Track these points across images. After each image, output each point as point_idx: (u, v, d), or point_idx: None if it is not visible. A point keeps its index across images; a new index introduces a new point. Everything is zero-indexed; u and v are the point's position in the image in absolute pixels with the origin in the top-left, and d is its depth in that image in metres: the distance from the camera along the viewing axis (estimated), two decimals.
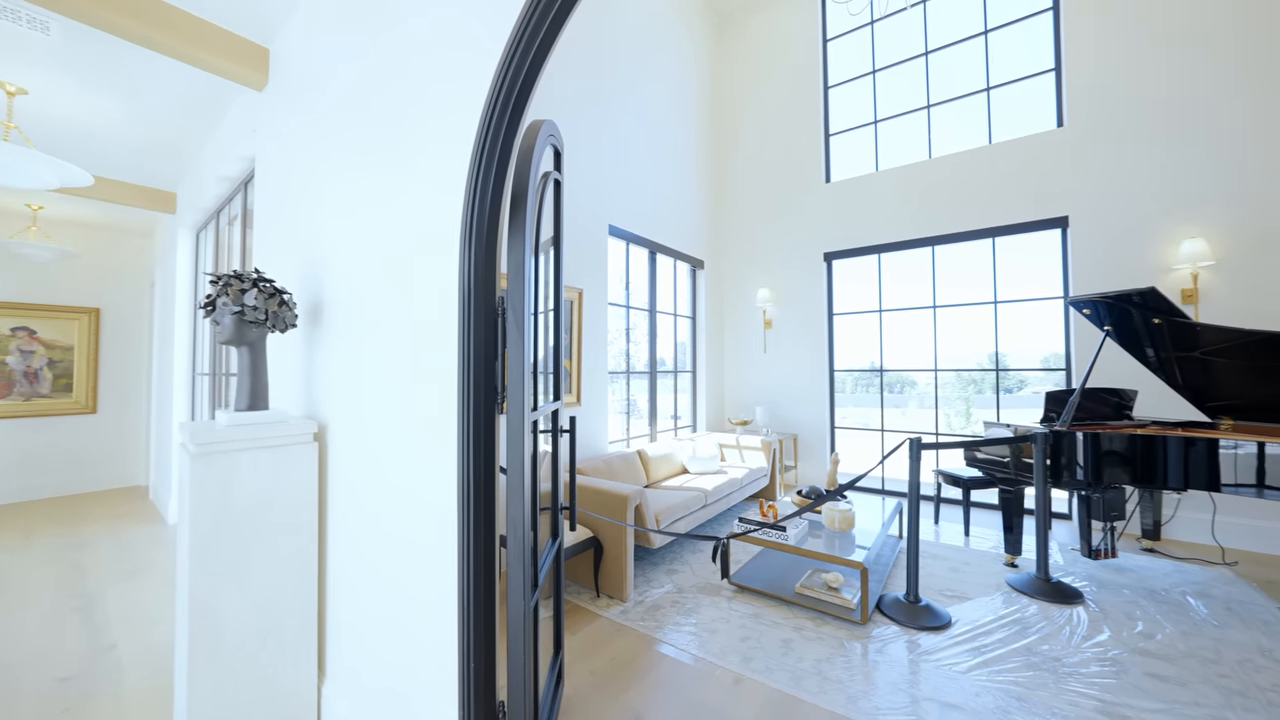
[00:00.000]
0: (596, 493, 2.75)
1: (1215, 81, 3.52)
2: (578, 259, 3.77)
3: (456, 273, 1.16)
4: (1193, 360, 2.92)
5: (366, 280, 1.54)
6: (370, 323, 1.52)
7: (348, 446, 1.60)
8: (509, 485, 1.20)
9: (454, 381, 1.16)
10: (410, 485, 1.35)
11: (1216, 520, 3.44)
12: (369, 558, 1.50)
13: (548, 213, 1.85)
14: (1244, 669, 2.06)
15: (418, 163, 1.36)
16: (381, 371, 1.46)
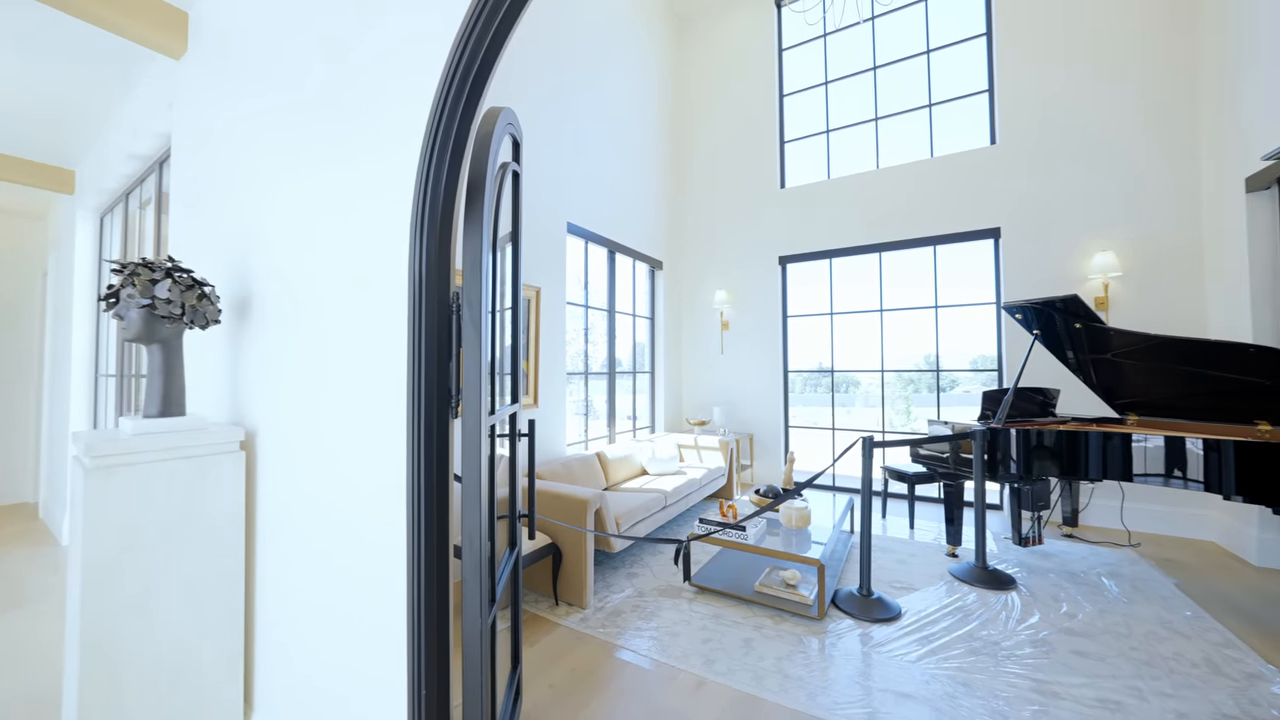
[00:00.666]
0: (555, 497, 2.66)
1: (1126, 112, 3.88)
2: (535, 256, 3.66)
3: (406, 265, 1.07)
4: (1105, 362, 3.19)
5: (304, 272, 1.40)
6: (308, 319, 1.38)
7: (281, 455, 1.45)
8: (464, 494, 1.12)
9: (403, 383, 1.06)
10: (353, 497, 1.24)
11: (1125, 507, 3.78)
12: (305, 578, 1.36)
13: (506, 206, 1.76)
14: (1149, 640, 2.26)
15: (364, 145, 1.25)
16: (321, 372, 1.33)
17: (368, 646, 1.20)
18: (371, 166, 1.21)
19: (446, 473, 1.10)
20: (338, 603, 1.27)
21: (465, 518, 1.12)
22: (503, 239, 1.78)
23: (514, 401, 1.72)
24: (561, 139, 4.02)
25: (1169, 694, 1.89)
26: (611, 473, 3.82)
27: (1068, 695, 1.88)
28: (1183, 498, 3.65)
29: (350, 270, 1.24)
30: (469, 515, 1.11)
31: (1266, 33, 3.03)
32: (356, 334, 1.21)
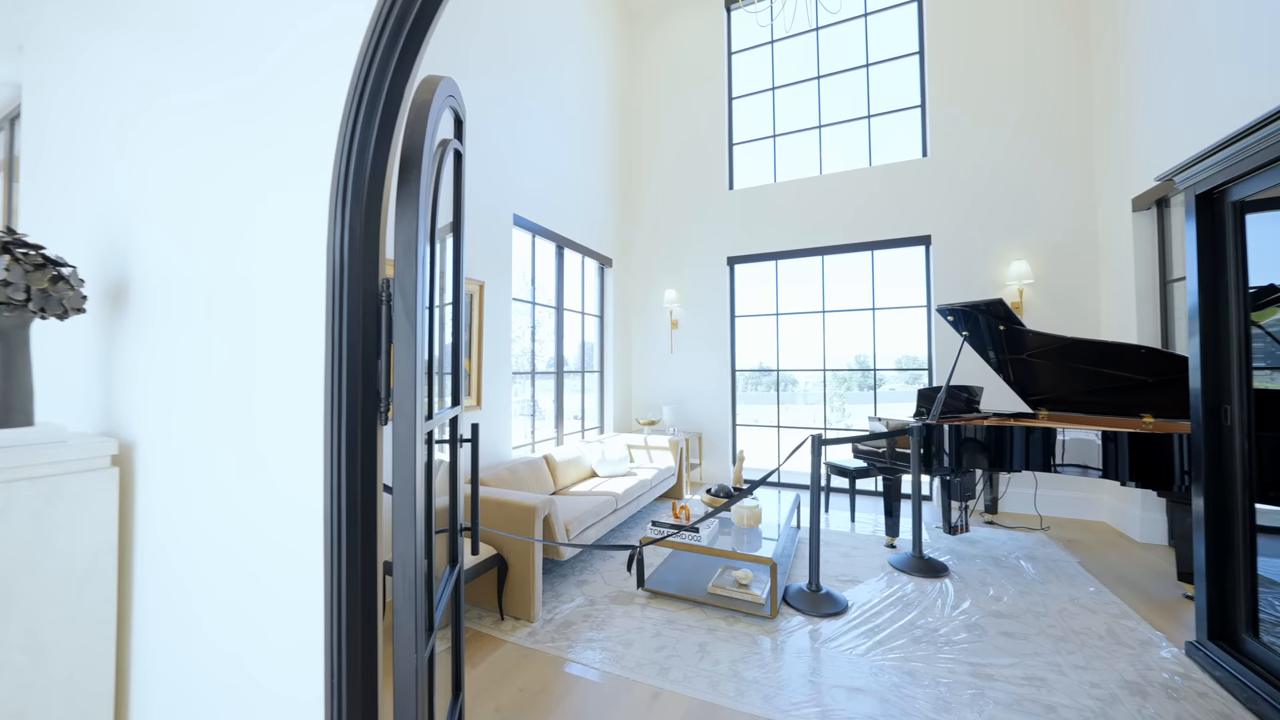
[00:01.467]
0: (500, 505, 2.50)
1: (1035, 135, 4.25)
2: (479, 249, 3.45)
3: (324, 248, 0.91)
4: (1021, 361, 3.47)
5: (197, 254, 1.18)
6: (203, 310, 1.16)
7: (168, 470, 1.21)
8: (396, 511, 0.97)
9: (320, 384, 0.90)
10: (257, 515, 1.05)
11: (1037, 494, 4.14)
12: (199, 620, 1.15)
13: (447, 190, 1.60)
14: (1062, 617, 2.46)
15: (271, 100, 1.06)
16: (219, 372, 1.12)
17: (277, 693, 1.03)
18: (280, 129, 1.03)
19: (374, 486, 0.95)
20: (238, 646, 1.08)
21: (397, 536, 0.97)
22: (443, 229, 1.63)
23: (455, 404, 1.57)
24: (508, 127, 3.82)
25: (1082, 667, 2.05)
26: (560, 476, 3.68)
27: (1000, 676, 1.99)
28: (1080, 483, 4.04)
29: (255, 253, 1.05)
30: (401, 535, 0.97)
31: (1143, 78, 3.40)
32: (264, 327, 1.03)
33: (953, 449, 3.04)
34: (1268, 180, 1.90)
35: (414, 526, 0.98)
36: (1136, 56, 3.56)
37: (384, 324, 0.95)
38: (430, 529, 1.23)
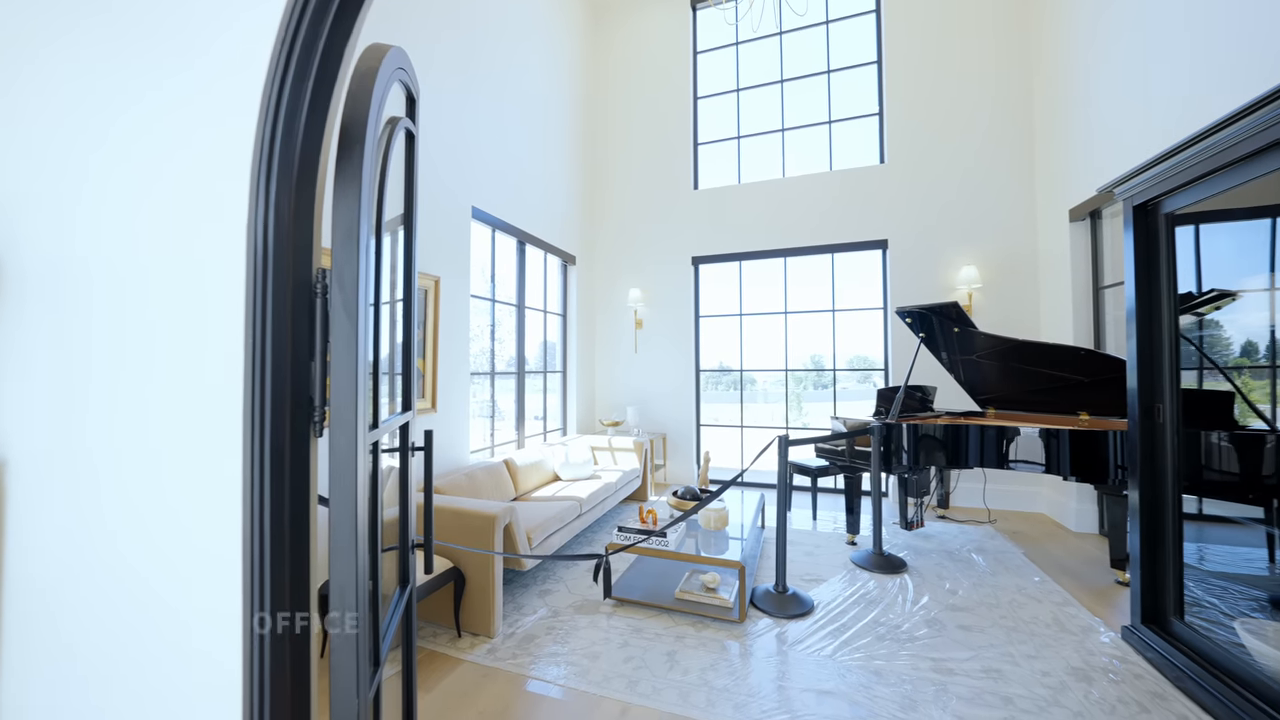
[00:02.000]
0: (457, 515, 2.35)
1: (983, 146, 4.46)
2: (435, 241, 3.26)
3: (245, 231, 0.77)
4: (971, 362, 3.62)
5: (80, 239, 1.00)
6: (91, 302, 0.99)
7: (48, 491, 1.02)
8: (334, 536, 0.85)
9: (238, 390, 0.77)
10: (163, 543, 0.89)
11: (985, 489, 4.34)
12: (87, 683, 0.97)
13: (397, 174, 1.46)
14: (1013, 607, 2.57)
15: (179, 46, 0.90)
16: (103, 380, 0.95)
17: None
18: (193, 90, 0.87)
19: (305, 505, 0.82)
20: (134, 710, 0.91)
21: (335, 565, 0.85)
22: (394, 220, 1.49)
23: (406, 409, 1.43)
24: (467, 117, 3.63)
25: (1034, 655, 2.13)
26: (521, 481, 3.54)
27: (960, 670, 2.03)
28: (1022, 478, 4.28)
29: (154, 237, 0.89)
30: (340, 562, 0.84)
31: (1077, 97, 3.63)
32: (168, 324, 0.87)
33: (912, 447, 3.13)
34: (1195, 195, 2.04)
35: (354, 552, 0.86)
36: (1071, 78, 3.79)
37: (319, 321, 0.82)
38: (376, 549, 1.10)
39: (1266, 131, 1.66)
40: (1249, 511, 2.16)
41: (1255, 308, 2.11)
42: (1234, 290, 2.17)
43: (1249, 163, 1.77)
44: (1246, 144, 1.73)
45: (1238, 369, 2.20)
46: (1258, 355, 2.17)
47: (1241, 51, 2.39)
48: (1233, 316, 2.20)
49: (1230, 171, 1.86)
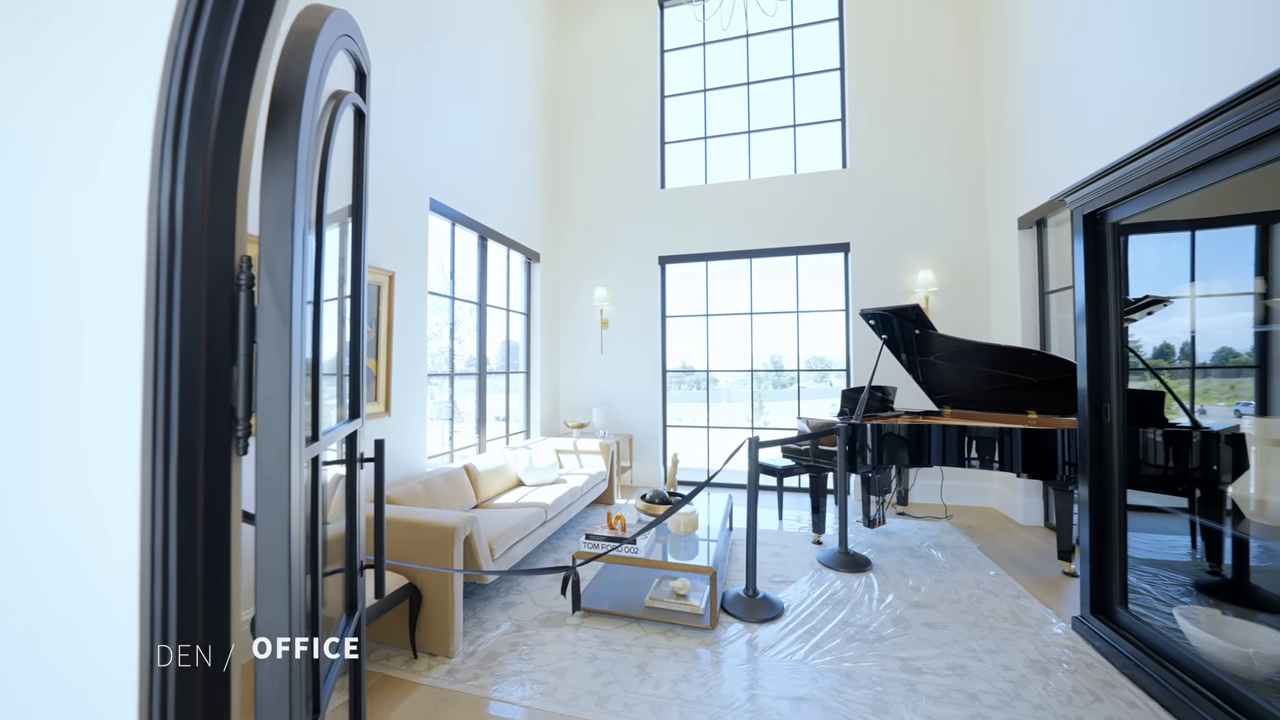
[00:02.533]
0: (413, 527, 2.19)
1: (938, 155, 4.63)
2: (389, 234, 3.05)
3: (145, 208, 0.64)
4: (929, 363, 3.74)
5: None
6: None
7: None
8: (261, 563, 0.72)
9: (135, 402, 0.63)
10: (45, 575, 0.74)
11: (933, 485, 4.50)
12: None
13: (344, 157, 1.33)
14: (972, 601, 2.64)
15: None
16: None
17: None
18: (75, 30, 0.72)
19: (225, 534, 0.69)
20: None
21: (262, 598, 0.72)
22: (341, 211, 1.35)
23: (354, 416, 1.29)
24: (425, 107, 3.43)
25: (994, 650, 2.19)
26: (482, 487, 3.38)
27: (927, 668, 2.06)
28: (974, 474, 4.46)
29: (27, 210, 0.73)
30: (269, 601, 0.72)
31: (1024, 111, 3.82)
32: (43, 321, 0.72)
33: (876, 447, 3.18)
34: (1137, 206, 2.14)
35: (287, 581, 0.74)
36: (1018, 93, 3.98)
37: (243, 317, 0.70)
38: (317, 574, 0.97)
39: (1204, 148, 1.76)
40: (1176, 502, 2.31)
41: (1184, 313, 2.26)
42: (1166, 297, 2.31)
43: (1188, 177, 1.87)
44: (1185, 159, 1.83)
45: (1169, 370, 2.34)
46: (1174, 357, 2.32)
47: (1179, 72, 2.54)
48: (1168, 322, 2.34)
49: (1170, 184, 1.96)
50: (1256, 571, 2.01)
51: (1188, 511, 2.28)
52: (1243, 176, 1.71)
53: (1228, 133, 1.67)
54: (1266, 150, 1.59)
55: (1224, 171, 1.75)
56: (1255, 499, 1.87)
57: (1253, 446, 1.85)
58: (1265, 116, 1.53)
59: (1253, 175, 1.68)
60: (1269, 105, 1.52)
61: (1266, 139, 1.57)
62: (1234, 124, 1.63)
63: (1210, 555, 2.26)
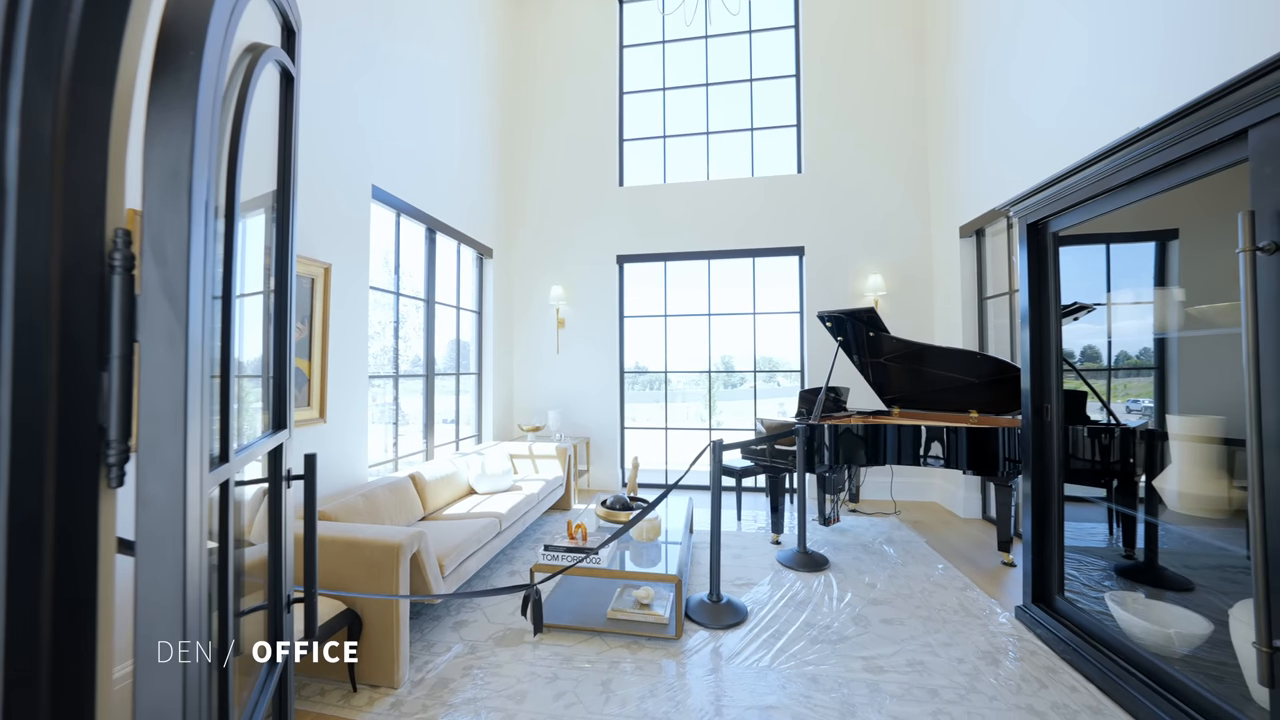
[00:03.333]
0: (352, 546, 1.97)
1: (887, 165, 4.81)
2: (325, 222, 2.77)
3: None
4: (879, 364, 3.87)
5: None
6: None
7: None
8: (141, 629, 0.56)
9: None
10: None
11: (879, 481, 4.67)
12: None
13: (268, 125, 1.14)
14: (924, 596, 2.73)
15: None
16: None
17: None
18: None
19: (91, 605, 0.53)
20: None
21: (141, 686, 0.56)
22: (265, 197, 1.17)
23: (279, 427, 1.11)
24: (370, 88, 3.16)
25: (949, 643, 2.26)
26: (430, 497, 3.15)
27: (888, 666, 2.08)
28: (919, 470, 4.67)
29: None
30: (152, 682, 0.56)
31: (964, 125, 4.04)
32: None
33: (834, 446, 3.24)
34: (1076, 217, 2.27)
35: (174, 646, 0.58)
36: (958, 108, 4.21)
37: (117, 308, 0.54)
38: (227, 621, 0.81)
39: (1129, 168, 1.88)
40: (1097, 493, 2.49)
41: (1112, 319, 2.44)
42: (1090, 304, 2.48)
43: (1119, 192, 1.99)
44: (1115, 177, 1.95)
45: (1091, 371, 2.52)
46: (1097, 358, 2.49)
47: (1115, 90, 2.74)
48: (1089, 327, 2.52)
49: (1103, 199, 2.08)
50: (1172, 555, 2.18)
51: (1110, 501, 2.46)
52: (1158, 197, 1.86)
53: (1146, 156, 1.80)
54: (1182, 172, 1.72)
55: (1149, 190, 1.88)
56: (1177, 492, 2.02)
57: (1175, 443, 1.99)
58: (1178, 144, 1.67)
59: (1158, 198, 1.84)
60: (1179, 134, 1.66)
61: (1183, 162, 1.70)
62: (1152, 149, 1.77)
63: (1126, 541, 2.45)
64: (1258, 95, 1.43)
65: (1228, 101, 1.51)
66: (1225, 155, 1.59)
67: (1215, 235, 2.00)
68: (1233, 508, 1.86)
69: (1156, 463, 2.20)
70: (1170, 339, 2.20)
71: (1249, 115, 1.47)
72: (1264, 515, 1.41)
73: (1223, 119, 1.54)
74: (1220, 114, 1.54)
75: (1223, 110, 1.53)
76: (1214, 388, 2.05)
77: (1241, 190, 1.52)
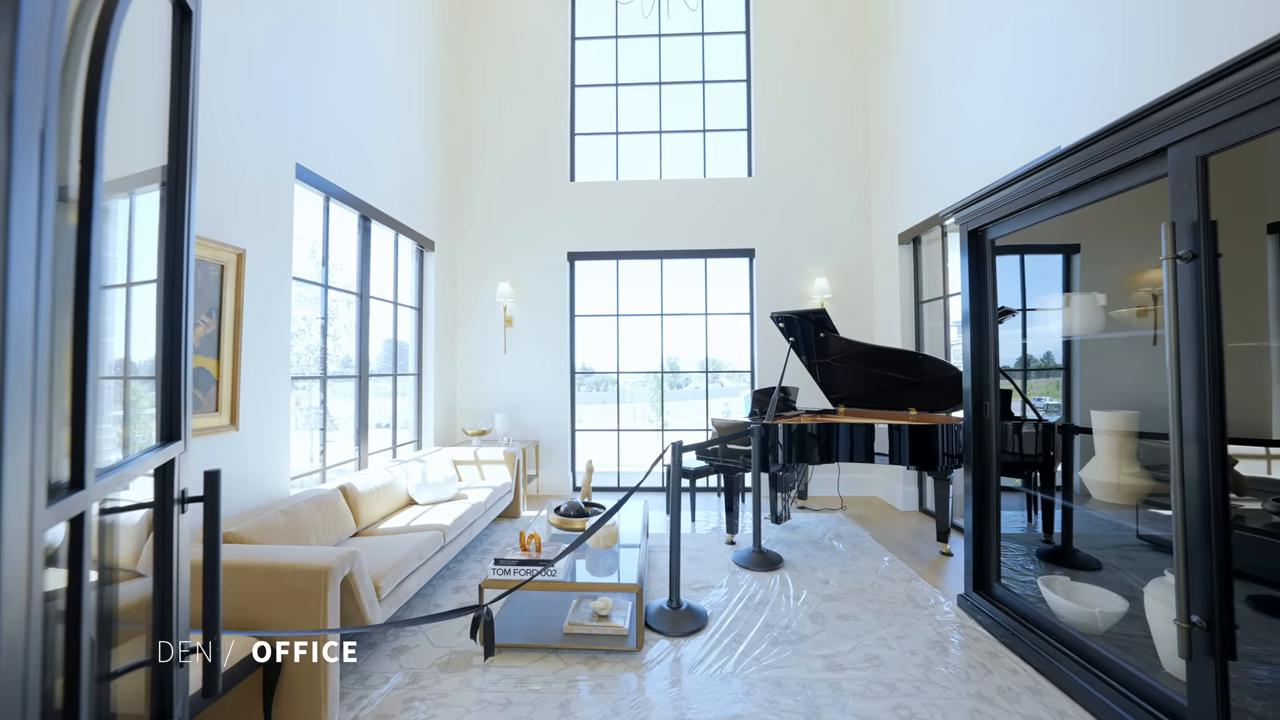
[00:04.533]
0: (269, 572, 1.72)
1: (832, 173, 4.99)
2: (237, 202, 2.44)
3: None
4: (826, 364, 3.98)
5: None
6: None
7: None
8: None
9: None
10: None
11: (824, 477, 4.82)
12: None
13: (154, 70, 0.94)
14: (875, 589, 2.81)
15: None
16: None
17: None
18: None
19: None
20: None
21: None
22: (147, 173, 0.97)
23: (169, 439, 0.91)
24: (295, 48, 2.82)
25: (901, 636, 2.32)
26: (365, 510, 2.86)
27: (848, 664, 2.10)
28: (861, 466, 4.86)
29: None
30: None
31: (901, 139, 4.26)
32: None
33: (788, 445, 3.27)
34: (1012, 225, 2.41)
35: None
36: (896, 118, 4.43)
37: None
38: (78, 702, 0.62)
39: (1066, 178, 2.00)
40: (1012, 482, 2.67)
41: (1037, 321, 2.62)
42: (1014, 308, 2.65)
43: (1053, 202, 2.12)
44: (1050, 187, 2.08)
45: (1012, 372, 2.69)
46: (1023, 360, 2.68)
47: (1049, 102, 2.94)
48: (1009, 331, 2.69)
49: (1036, 209, 2.22)
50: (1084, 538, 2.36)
51: (1035, 490, 2.64)
52: (1071, 214, 2.01)
53: (1076, 170, 1.93)
54: (1108, 186, 1.86)
55: (1079, 201, 2.01)
56: (1100, 481, 2.17)
57: (1100, 437, 2.15)
58: (1104, 159, 1.80)
59: (1069, 215, 2.00)
60: (1105, 150, 1.79)
61: (1109, 176, 1.83)
62: (1082, 163, 1.90)
63: (1045, 527, 2.64)
64: (1175, 117, 1.55)
65: (1149, 122, 1.62)
66: (1146, 171, 1.71)
67: (1111, 250, 2.20)
68: (1140, 495, 2.04)
69: (1073, 454, 2.39)
70: (1080, 341, 2.36)
71: (1167, 135, 1.59)
72: (1184, 502, 1.53)
73: (1144, 137, 1.65)
74: (1142, 133, 1.66)
75: (1145, 130, 1.64)
76: (1122, 385, 2.23)
77: (1128, 213, 1.65)
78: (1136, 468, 2.03)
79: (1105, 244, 2.23)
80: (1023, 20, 3.04)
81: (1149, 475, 2.01)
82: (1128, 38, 2.39)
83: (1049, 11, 2.85)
